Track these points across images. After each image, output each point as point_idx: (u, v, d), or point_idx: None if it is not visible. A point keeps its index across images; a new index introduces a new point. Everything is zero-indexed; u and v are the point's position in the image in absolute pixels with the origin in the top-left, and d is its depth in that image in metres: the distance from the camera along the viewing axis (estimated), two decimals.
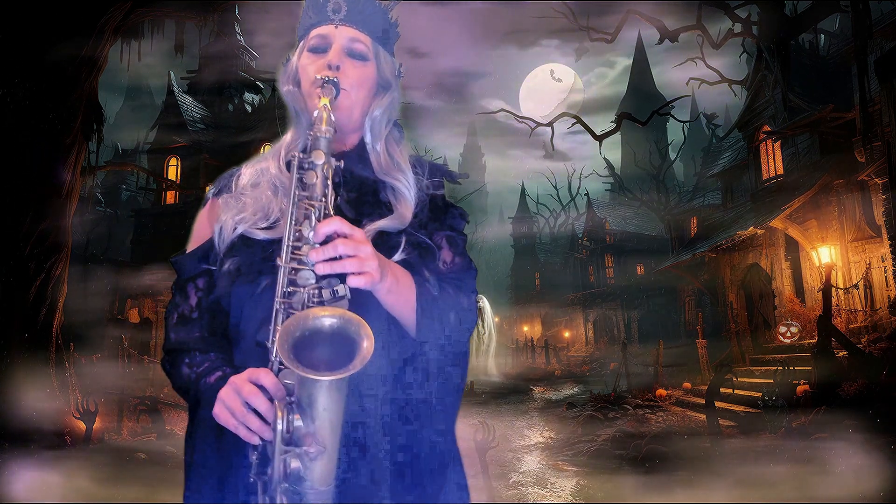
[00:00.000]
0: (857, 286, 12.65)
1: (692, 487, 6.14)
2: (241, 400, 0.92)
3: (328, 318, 0.90)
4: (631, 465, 7.43)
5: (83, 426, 8.00)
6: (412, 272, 1.07)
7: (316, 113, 1.04)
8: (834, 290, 11.59)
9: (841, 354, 9.41)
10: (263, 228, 1.10)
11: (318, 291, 0.94)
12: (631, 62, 57.08)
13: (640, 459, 7.53)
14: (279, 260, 0.97)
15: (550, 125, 21.11)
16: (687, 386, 13.14)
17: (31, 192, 8.22)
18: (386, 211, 1.14)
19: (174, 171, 20.45)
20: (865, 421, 6.85)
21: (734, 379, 10.76)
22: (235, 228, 1.11)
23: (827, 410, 7.70)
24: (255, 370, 0.93)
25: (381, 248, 1.03)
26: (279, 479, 0.87)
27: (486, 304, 31.80)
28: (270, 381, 0.91)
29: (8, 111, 8.02)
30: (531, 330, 36.19)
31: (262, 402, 0.91)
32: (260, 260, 1.07)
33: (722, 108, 35.30)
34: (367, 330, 0.88)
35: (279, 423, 0.87)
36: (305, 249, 0.96)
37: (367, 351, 0.86)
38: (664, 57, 50.22)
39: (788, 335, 12.43)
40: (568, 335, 33.08)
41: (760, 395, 9.17)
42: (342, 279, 0.95)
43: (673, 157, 33.62)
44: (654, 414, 11.03)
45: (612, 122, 21.80)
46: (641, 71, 54.67)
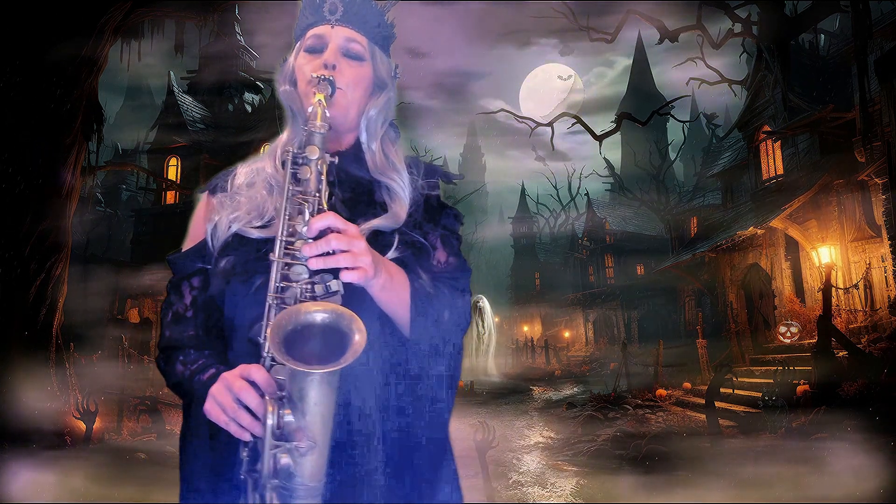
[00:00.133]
0: (857, 286, 12.65)
1: (692, 487, 6.13)
2: (231, 396, 0.91)
3: (320, 312, 0.89)
4: (631, 465, 7.42)
5: (83, 426, 8.01)
6: (406, 271, 1.07)
7: (311, 109, 1.04)
8: (834, 290, 11.58)
9: (841, 354, 9.41)
10: (258, 227, 1.10)
11: (310, 286, 0.94)
12: (631, 62, 57.10)
13: (640, 459, 7.52)
14: (272, 255, 0.97)
15: (550, 125, 21.12)
16: (687, 386, 13.13)
17: (31, 192, 8.22)
18: (381, 211, 1.14)
19: (174, 171, 20.47)
20: (865, 421, 6.84)
21: (734, 379, 10.75)
22: (230, 227, 1.12)
23: (827, 410, 7.69)
24: (246, 367, 0.93)
25: (375, 246, 1.03)
26: (269, 475, 0.87)
27: (486, 304, 31.77)
28: (261, 376, 0.91)
29: (8, 111, 8.02)
30: (531, 330, 36.18)
31: (252, 397, 0.90)
32: (254, 259, 1.07)
33: (722, 108, 35.35)
34: (359, 324, 0.88)
35: (269, 418, 0.87)
36: (299, 244, 0.95)
37: (358, 345, 0.86)
38: (664, 57, 50.26)
39: (788, 335, 12.43)
40: (568, 335, 33.06)
41: (760, 395, 9.16)
42: (335, 274, 0.94)
43: (673, 157, 33.61)
44: (654, 414, 11.02)
45: (612, 122, 21.82)
46: (641, 71, 54.67)
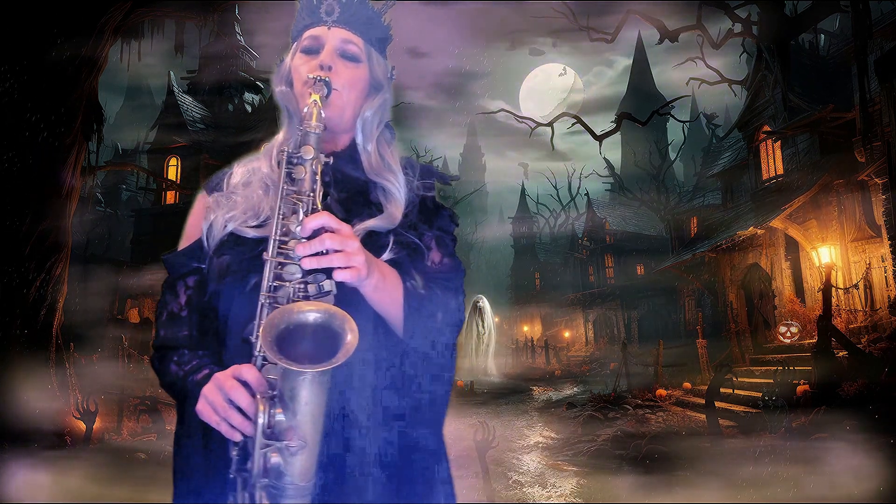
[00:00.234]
0: (857, 286, 12.64)
1: (692, 487, 6.13)
2: (223, 396, 0.91)
3: (312, 312, 0.89)
4: (631, 465, 7.43)
5: (83, 426, 8.00)
6: (400, 271, 1.07)
7: (306, 109, 1.05)
8: (834, 290, 11.58)
9: (841, 354, 9.41)
10: (254, 227, 1.10)
11: (303, 286, 0.94)
12: (631, 62, 57.09)
13: (640, 459, 7.52)
14: (265, 254, 0.97)
15: (550, 125, 21.11)
16: (687, 386, 13.13)
17: (31, 192, 8.22)
18: (376, 211, 1.14)
19: (174, 171, 20.50)
20: (865, 421, 6.84)
21: (734, 379, 10.75)
22: (226, 226, 1.12)
23: (827, 410, 7.69)
24: (238, 367, 0.93)
25: (369, 247, 1.03)
26: (259, 474, 0.87)
27: (486, 304, 31.80)
28: (253, 375, 0.91)
29: (8, 111, 8.02)
30: (531, 330, 36.17)
31: (243, 397, 0.90)
32: (249, 258, 1.07)
33: (722, 108, 35.30)
34: (351, 324, 0.88)
35: (260, 417, 0.87)
36: (292, 244, 0.95)
37: (350, 345, 0.86)
38: (664, 57, 50.24)
39: (788, 335, 12.43)
40: (568, 335, 33.05)
41: (760, 395, 9.15)
42: (328, 274, 0.94)
43: (673, 157, 33.60)
44: (654, 414, 11.01)
45: (612, 122, 21.81)
46: (641, 71, 54.65)
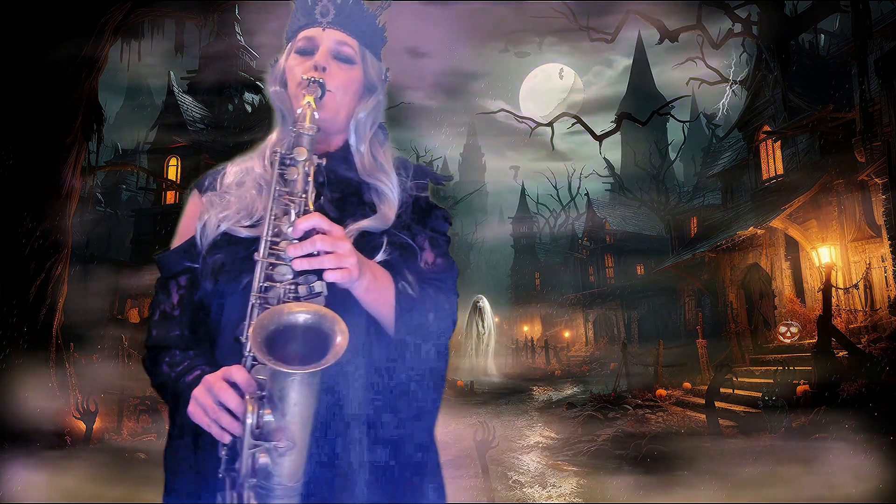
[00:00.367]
0: (857, 286, 12.64)
1: (692, 487, 6.13)
2: (212, 398, 0.91)
3: (302, 313, 0.89)
4: (631, 465, 7.42)
5: (83, 426, 8.01)
6: (393, 272, 1.07)
7: (300, 110, 1.05)
8: (834, 290, 11.58)
9: (841, 354, 9.40)
10: (247, 227, 1.10)
11: (294, 287, 0.94)
12: (631, 62, 57.09)
13: (640, 459, 7.52)
14: (257, 255, 0.97)
15: (550, 125, 21.11)
16: (687, 386, 13.12)
17: (31, 192, 8.22)
18: (369, 212, 1.14)
19: (174, 171, 20.50)
20: (865, 421, 6.84)
21: (734, 379, 10.74)
22: (219, 226, 1.12)
23: (827, 410, 7.69)
24: (228, 368, 0.93)
25: (363, 248, 1.03)
26: (247, 474, 0.87)
27: (486, 304, 31.79)
28: (242, 376, 0.91)
29: (8, 111, 8.02)
30: (531, 330, 36.16)
31: (232, 398, 0.90)
32: (242, 258, 1.07)
33: (722, 107, 35.23)
34: (341, 326, 0.88)
35: (249, 417, 0.87)
36: (284, 245, 0.95)
37: (340, 346, 0.86)
38: (664, 57, 50.25)
39: (788, 335, 12.42)
40: (568, 335, 33.04)
41: (760, 395, 9.15)
42: (320, 276, 0.94)
43: (673, 157, 33.56)
44: (654, 414, 11.01)
45: (612, 122, 21.78)
46: (641, 71, 54.65)
